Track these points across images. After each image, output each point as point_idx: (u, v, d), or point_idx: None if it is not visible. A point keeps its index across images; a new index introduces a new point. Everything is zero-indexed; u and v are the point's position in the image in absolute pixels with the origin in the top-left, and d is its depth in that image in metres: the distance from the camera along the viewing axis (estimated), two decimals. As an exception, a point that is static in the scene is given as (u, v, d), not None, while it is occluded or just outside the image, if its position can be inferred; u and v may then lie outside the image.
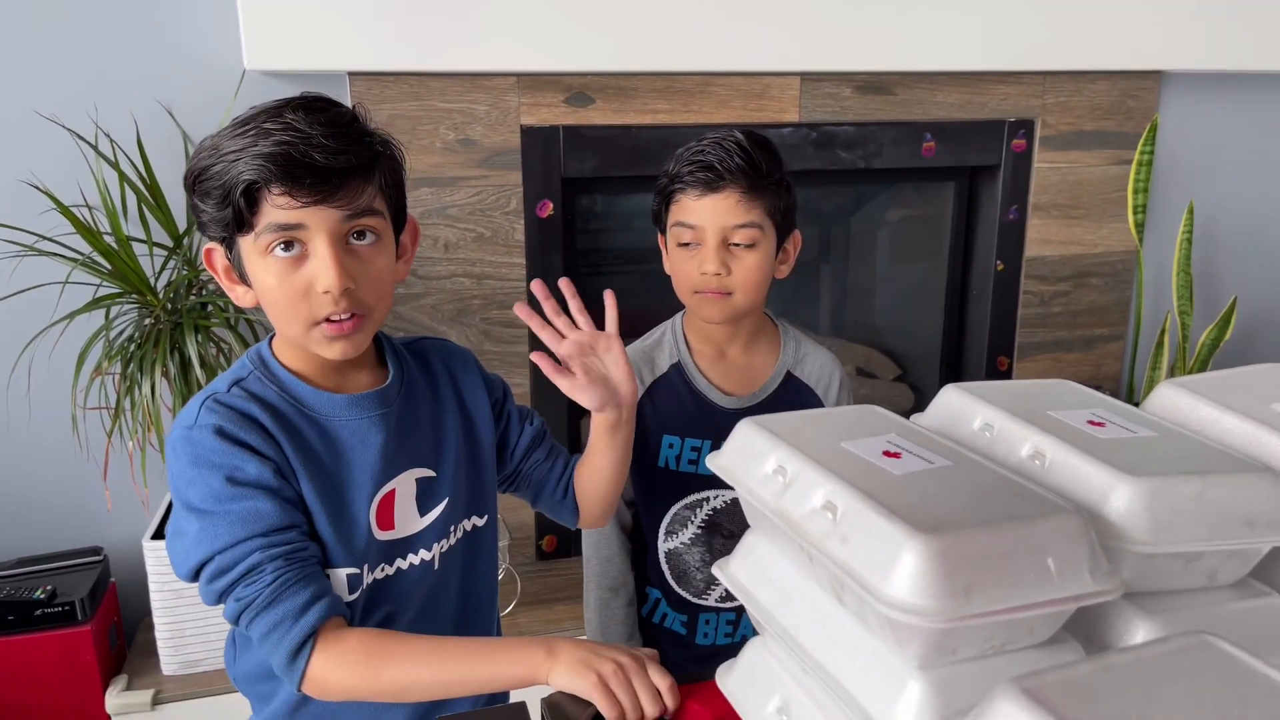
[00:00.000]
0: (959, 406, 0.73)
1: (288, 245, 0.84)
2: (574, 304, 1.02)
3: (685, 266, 1.15)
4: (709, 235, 1.12)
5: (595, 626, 1.27)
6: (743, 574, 0.68)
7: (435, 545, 0.98)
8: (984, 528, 0.52)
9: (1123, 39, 2.02)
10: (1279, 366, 0.78)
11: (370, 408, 0.93)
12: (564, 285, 1.01)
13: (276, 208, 0.82)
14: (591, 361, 1.02)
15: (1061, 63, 2.01)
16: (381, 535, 0.94)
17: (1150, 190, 2.14)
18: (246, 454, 0.86)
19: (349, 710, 0.96)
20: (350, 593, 0.92)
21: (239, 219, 0.83)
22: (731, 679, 0.70)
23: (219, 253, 0.90)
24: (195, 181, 0.85)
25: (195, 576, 0.87)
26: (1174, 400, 0.74)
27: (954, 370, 2.30)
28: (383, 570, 0.95)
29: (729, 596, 1.25)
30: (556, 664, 0.82)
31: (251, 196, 0.82)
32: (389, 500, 0.94)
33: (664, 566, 1.25)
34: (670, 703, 0.80)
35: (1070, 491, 0.61)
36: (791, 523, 0.59)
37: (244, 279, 0.88)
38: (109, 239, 1.57)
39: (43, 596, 1.57)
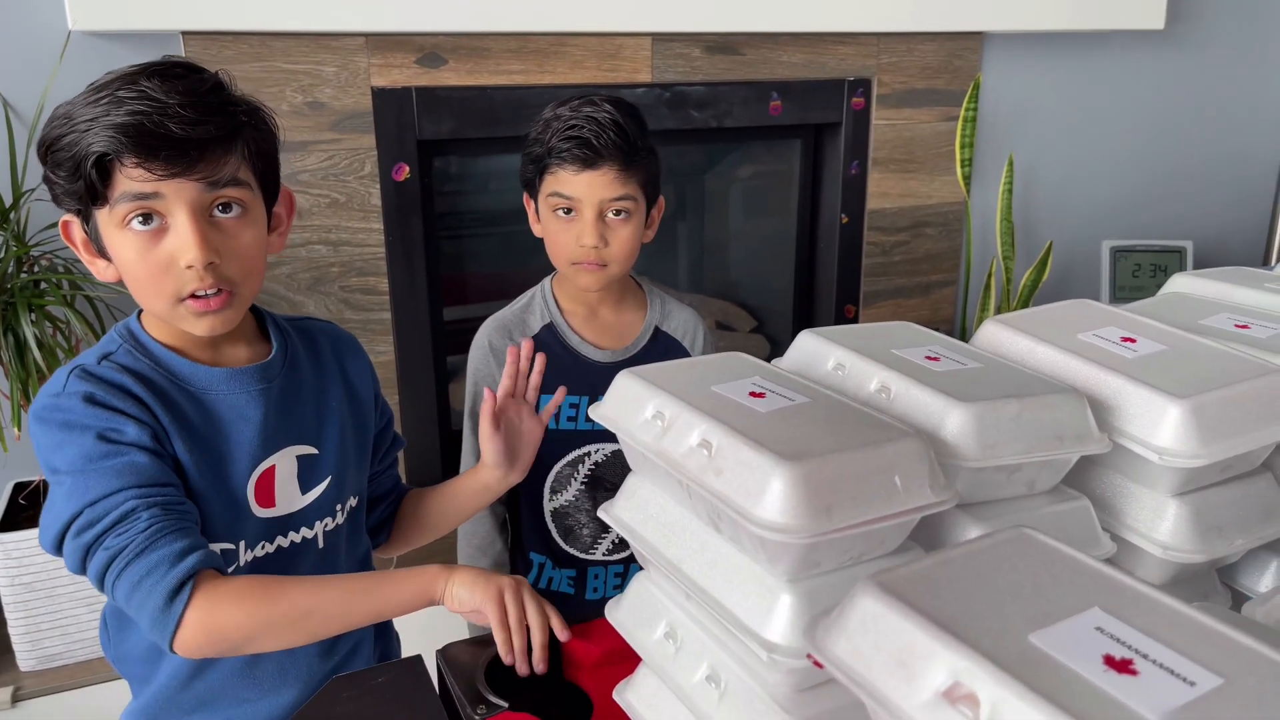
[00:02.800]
0: (814, 349, 0.80)
1: (146, 218, 0.81)
2: (535, 370, 1.11)
3: (563, 237, 1.18)
4: (586, 208, 1.15)
5: None
6: (627, 514, 0.73)
7: (319, 523, 0.97)
8: (840, 453, 0.59)
9: (947, 1, 2.16)
10: (1082, 302, 0.88)
11: (250, 382, 0.91)
12: (529, 349, 1.10)
13: (130, 179, 0.79)
14: (511, 421, 1.09)
15: (893, 24, 2.13)
16: (262, 512, 0.93)
17: (975, 145, 2.30)
18: (122, 418, 0.83)
19: (235, 687, 0.95)
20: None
21: (92, 191, 0.80)
22: (620, 611, 0.75)
23: (76, 225, 0.86)
24: (47, 151, 0.81)
25: (61, 539, 0.81)
26: (997, 335, 0.84)
27: (806, 320, 2.42)
28: (263, 548, 0.94)
29: (616, 549, 1.30)
30: (454, 577, 0.85)
31: (104, 168, 0.79)
32: (269, 477, 0.93)
33: (550, 526, 1.28)
34: (556, 623, 0.85)
35: (912, 418, 0.68)
36: (671, 461, 0.64)
37: (104, 253, 0.85)
38: (-76, 215, 1.46)
39: (-126, 601, 1.47)
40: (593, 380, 1.24)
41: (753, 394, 0.67)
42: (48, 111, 1.53)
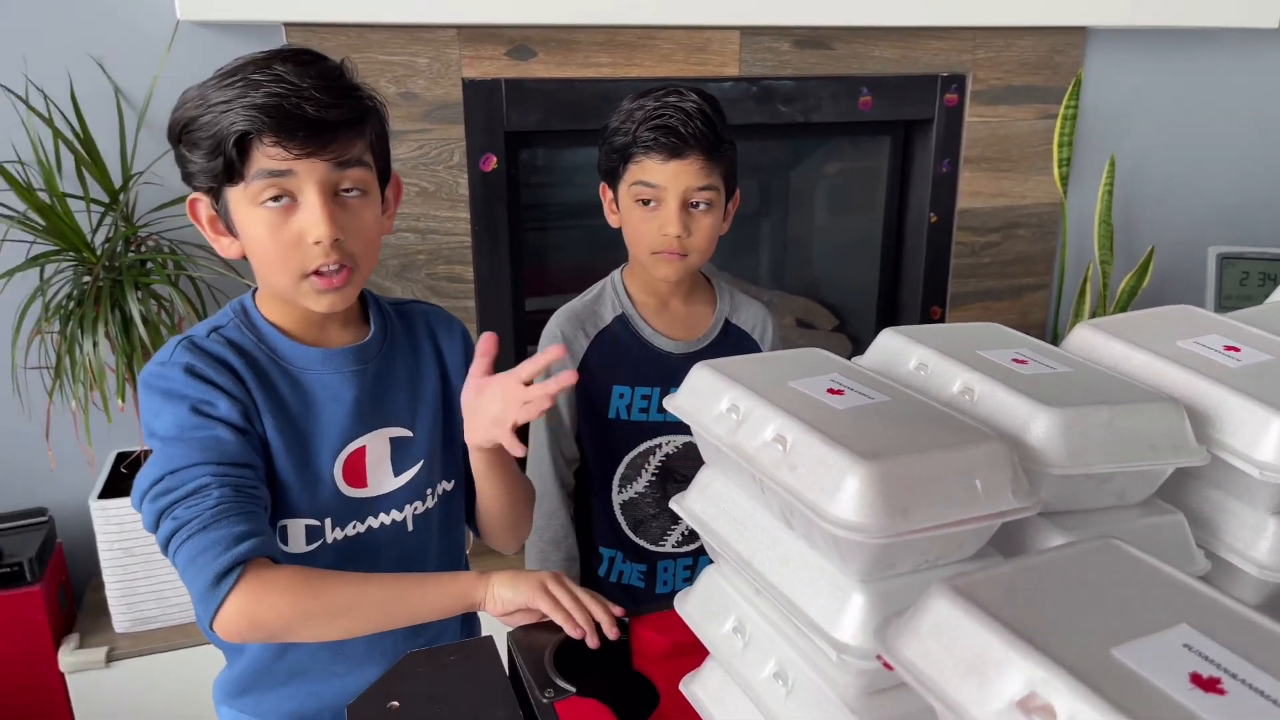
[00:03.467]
0: (896, 348, 0.79)
1: (278, 196, 0.85)
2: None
3: (645, 226, 1.18)
4: (671, 197, 1.15)
5: None
6: (699, 506, 0.72)
7: (408, 506, 0.99)
8: (919, 454, 0.57)
9: (1049, -5, 2.09)
10: (1184, 308, 0.84)
11: (345, 363, 0.95)
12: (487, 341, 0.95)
13: (268, 158, 0.83)
14: (474, 404, 0.94)
15: (991, 18, 2.07)
16: (350, 492, 0.95)
17: (1074, 144, 2.22)
18: (216, 392, 0.87)
19: (326, 661, 0.98)
20: (308, 544, 0.94)
21: (229, 169, 0.84)
22: (689, 604, 0.75)
23: (204, 203, 0.90)
24: (182, 132, 0.86)
25: (143, 499, 0.86)
26: (1089, 340, 0.81)
27: (889, 320, 2.38)
28: (354, 528, 0.96)
29: (685, 540, 1.30)
30: (493, 579, 0.87)
31: (243, 147, 0.83)
32: (358, 457, 0.95)
33: (620, 518, 1.29)
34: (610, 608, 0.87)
35: (996, 421, 0.66)
36: (745, 455, 0.63)
37: (230, 230, 0.89)
38: (43, 195, 1.54)
39: (-12, 558, 1.55)
40: (666, 372, 1.24)
41: (831, 391, 0.66)
42: (157, 98, 1.62)
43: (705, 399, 0.70)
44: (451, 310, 1.85)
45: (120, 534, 1.59)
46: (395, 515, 0.99)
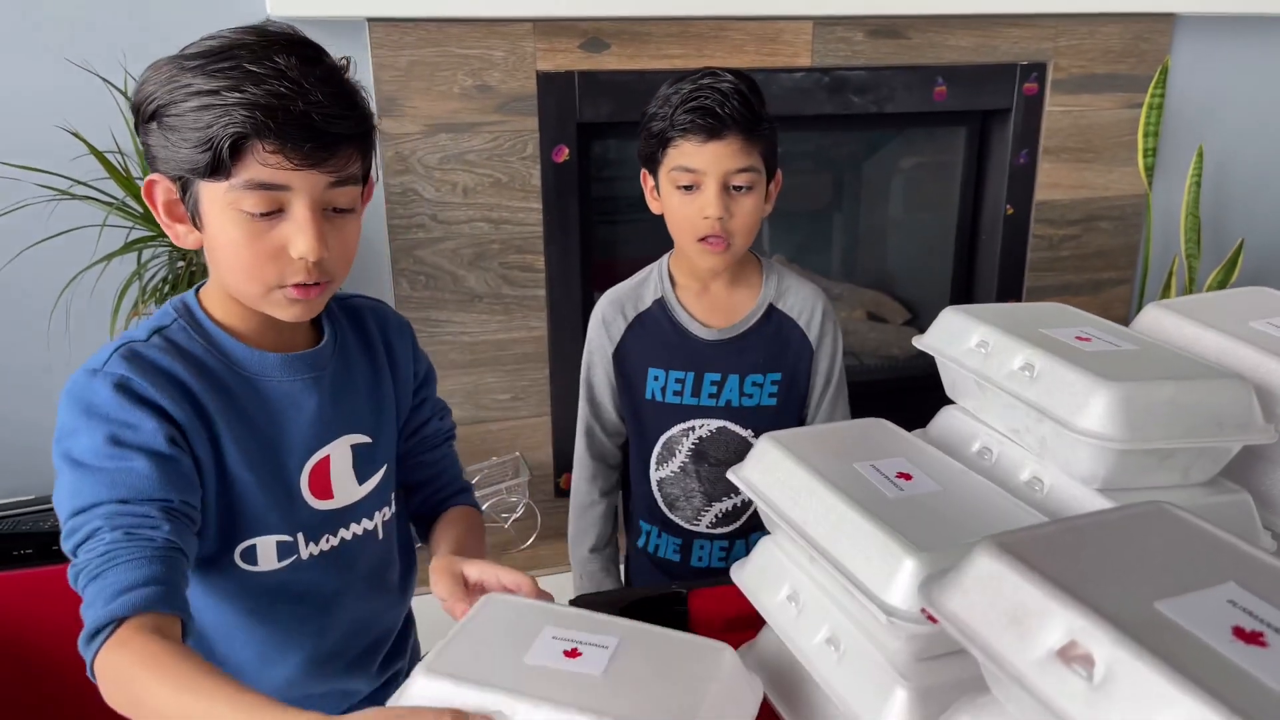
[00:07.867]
0: (957, 325, 0.79)
1: (267, 211, 0.77)
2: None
3: (685, 211, 1.17)
4: (711, 180, 1.14)
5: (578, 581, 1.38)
6: (755, 476, 0.74)
7: (377, 514, 0.94)
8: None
9: (1136, -20, 2.03)
10: (1260, 289, 0.82)
11: (303, 369, 0.87)
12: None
13: (263, 165, 0.74)
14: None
15: (1074, 5, 2.02)
16: (319, 505, 0.89)
17: (1160, 134, 2.16)
18: (144, 413, 0.77)
19: (237, 653, 0.89)
20: (280, 560, 0.87)
21: (216, 167, 0.74)
22: (745, 573, 0.76)
23: (163, 186, 0.79)
24: (157, 112, 0.76)
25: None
26: (1160, 320, 0.79)
27: (962, 313, 2.33)
28: (327, 541, 0.90)
29: (720, 522, 1.31)
30: None
31: (237, 147, 0.73)
32: (323, 468, 0.89)
33: (656, 495, 1.31)
34: None
35: (1055, 396, 0.66)
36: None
37: (193, 220, 0.80)
38: (140, 183, 1.62)
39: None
40: (699, 358, 1.24)
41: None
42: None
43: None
44: (523, 298, 1.91)
45: (208, 507, 1.65)
46: (366, 524, 0.93)
